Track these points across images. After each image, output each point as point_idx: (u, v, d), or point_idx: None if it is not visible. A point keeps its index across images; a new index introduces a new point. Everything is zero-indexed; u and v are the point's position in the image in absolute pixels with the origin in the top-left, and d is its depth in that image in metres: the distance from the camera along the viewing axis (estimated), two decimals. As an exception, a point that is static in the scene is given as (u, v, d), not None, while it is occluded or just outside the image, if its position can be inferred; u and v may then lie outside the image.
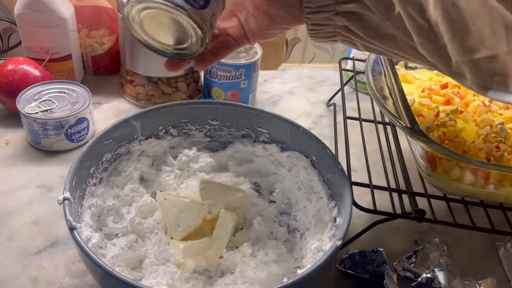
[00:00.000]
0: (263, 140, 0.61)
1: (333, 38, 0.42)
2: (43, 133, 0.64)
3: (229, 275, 0.49)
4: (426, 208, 0.51)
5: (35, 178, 0.62)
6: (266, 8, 0.43)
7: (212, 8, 0.41)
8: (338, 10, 0.39)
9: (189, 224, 0.49)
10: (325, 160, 0.55)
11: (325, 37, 0.42)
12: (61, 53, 0.75)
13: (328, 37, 0.42)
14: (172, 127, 0.61)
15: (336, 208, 0.52)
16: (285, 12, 0.42)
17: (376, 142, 0.61)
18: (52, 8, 0.70)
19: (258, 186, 0.61)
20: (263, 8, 0.43)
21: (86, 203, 0.50)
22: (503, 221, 0.54)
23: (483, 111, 0.63)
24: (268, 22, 0.44)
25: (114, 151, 0.56)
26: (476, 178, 0.52)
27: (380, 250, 0.51)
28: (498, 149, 0.56)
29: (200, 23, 0.40)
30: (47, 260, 0.52)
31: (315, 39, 0.44)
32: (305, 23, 0.42)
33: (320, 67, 0.97)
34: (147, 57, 0.73)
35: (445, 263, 0.53)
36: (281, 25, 0.44)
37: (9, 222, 0.56)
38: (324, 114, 0.81)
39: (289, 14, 0.42)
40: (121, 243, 0.48)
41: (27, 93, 0.66)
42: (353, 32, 0.40)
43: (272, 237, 0.53)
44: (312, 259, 0.48)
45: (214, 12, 0.42)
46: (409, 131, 0.51)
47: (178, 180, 0.59)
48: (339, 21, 0.40)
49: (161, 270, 0.47)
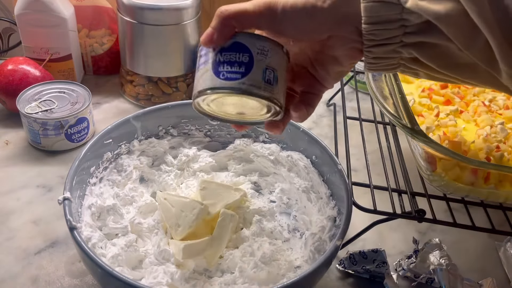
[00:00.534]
0: (263, 140, 0.61)
1: (395, 70, 0.39)
2: (43, 133, 0.64)
3: (229, 275, 0.49)
4: (426, 208, 0.51)
5: (35, 178, 0.62)
6: (328, 52, 0.40)
7: (281, 79, 0.39)
8: (406, 42, 0.36)
9: (189, 224, 0.49)
10: (325, 160, 0.55)
11: (386, 69, 0.39)
12: (61, 53, 0.75)
13: (389, 69, 0.39)
14: (172, 127, 0.61)
15: (336, 208, 0.52)
16: (348, 50, 0.39)
17: (376, 142, 0.61)
18: (52, 8, 0.70)
19: (258, 186, 0.61)
20: (325, 52, 0.40)
21: (86, 203, 0.50)
22: (503, 221, 0.54)
23: (483, 111, 0.63)
24: (334, 64, 0.40)
25: (114, 151, 0.56)
26: (476, 178, 0.52)
27: (380, 250, 0.51)
28: (498, 149, 0.56)
29: (274, 99, 0.38)
30: (47, 260, 0.52)
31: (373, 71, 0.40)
32: (365, 57, 0.38)
33: (320, 67, 0.97)
34: (147, 57, 0.73)
35: (445, 263, 0.53)
36: (349, 62, 0.40)
37: (9, 222, 0.56)
38: (324, 114, 0.81)
39: (353, 51, 0.39)
40: (121, 243, 0.48)
41: (27, 93, 0.66)
42: (422, 63, 0.37)
43: (272, 237, 0.53)
44: (312, 259, 0.48)
45: (284, 78, 0.39)
46: (409, 131, 0.51)
47: (178, 180, 0.59)
48: (407, 52, 0.36)
49: (161, 270, 0.47)
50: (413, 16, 0.34)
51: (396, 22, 0.35)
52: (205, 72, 0.38)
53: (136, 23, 0.70)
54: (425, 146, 0.51)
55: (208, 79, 0.37)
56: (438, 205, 0.53)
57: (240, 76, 0.36)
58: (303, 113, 0.42)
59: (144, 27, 0.70)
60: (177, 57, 0.74)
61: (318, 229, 0.51)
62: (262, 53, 0.37)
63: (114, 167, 0.56)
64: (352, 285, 0.52)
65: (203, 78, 0.38)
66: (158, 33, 0.70)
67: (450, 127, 0.59)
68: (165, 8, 0.68)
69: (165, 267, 0.48)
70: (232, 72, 0.36)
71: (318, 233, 0.50)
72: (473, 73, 0.36)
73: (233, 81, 0.36)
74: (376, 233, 0.57)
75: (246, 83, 0.36)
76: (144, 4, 0.68)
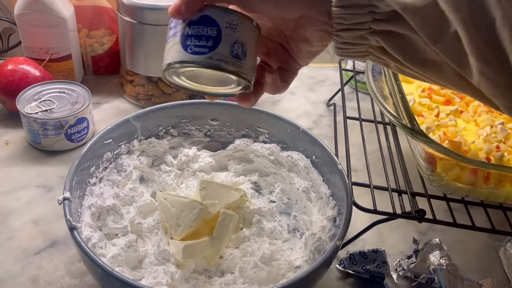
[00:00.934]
0: (263, 140, 0.61)
1: (364, 58, 0.39)
2: (43, 133, 0.64)
3: (229, 275, 0.49)
4: (426, 208, 0.51)
5: (35, 178, 0.62)
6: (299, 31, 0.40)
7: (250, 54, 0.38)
8: (374, 29, 0.35)
9: (189, 224, 0.49)
10: (325, 160, 0.55)
11: (355, 56, 0.39)
12: (61, 53, 0.75)
13: (358, 56, 0.39)
14: (172, 127, 0.61)
15: (336, 208, 0.52)
16: (319, 32, 0.38)
17: (376, 142, 0.61)
18: (52, 8, 0.70)
19: (258, 186, 0.61)
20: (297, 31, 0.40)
21: (86, 203, 0.50)
22: (503, 221, 0.54)
23: (483, 111, 0.63)
24: (305, 44, 0.40)
25: (114, 151, 0.56)
26: (476, 178, 0.52)
27: (380, 250, 0.51)
28: (498, 149, 0.56)
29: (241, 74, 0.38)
30: (47, 260, 0.52)
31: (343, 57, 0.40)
32: (334, 41, 0.38)
33: (320, 67, 0.97)
34: (147, 57, 0.73)
35: (445, 263, 0.53)
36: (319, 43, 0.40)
37: (9, 222, 0.56)
38: (324, 114, 0.81)
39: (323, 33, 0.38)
40: (121, 243, 0.48)
41: (27, 93, 0.66)
42: (389, 54, 0.36)
43: (272, 237, 0.53)
44: (312, 259, 0.48)
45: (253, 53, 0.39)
46: (409, 131, 0.51)
47: (178, 180, 0.59)
48: (374, 40, 0.36)
49: (161, 270, 0.47)
50: (383, 3, 0.34)
51: (365, 8, 0.34)
52: (174, 44, 0.38)
53: (136, 23, 0.70)
54: (425, 146, 0.51)
55: (176, 52, 0.37)
56: (438, 205, 0.53)
57: (208, 51, 0.36)
58: (277, 87, 0.42)
59: (144, 27, 0.70)
60: (177, 57, 0.74)
61: (318, 229, 0.51)
62: (231, 27, 0.37)
63: (114, 167, 0.56)
64: (352, 285, 0.52)
65: (172, 51, 0.38)
66: (158, 33, 0.70)
67: (450, 127, 0.59)
68: (165, 8, 0.68)
69: (165, 267, 0.48)
70: (199, 46, 0.36)
71: (318, 233, 0.50)
72: (439, 72, 0.35)
73: (201, 56, 0.36)
74: (376, 233, 0.57)
75: (213, 58, 0.36)
76: (144, 4, 0.68)
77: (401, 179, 0.56)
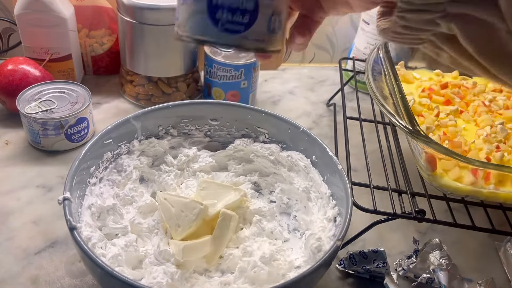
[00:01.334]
0: (263, 140, 0.61)
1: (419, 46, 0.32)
2: (43, 133, 0.64)
3: (229, 275, 0.49)
4: (426, 208, 0.51)
5: (35, 178, 0.62)
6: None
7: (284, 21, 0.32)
8: (449, 12, 0.29)
9: (189, 224, 0.49)
10: (325, 160, 0.55)
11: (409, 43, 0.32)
12: (61, 53, 0.75)
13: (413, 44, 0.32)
14: (172, 127, 0.61)
15: (336, 208, 0.52)
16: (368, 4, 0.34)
17: (376, 142, 0.61)
18: (52, 8, 0.70)
19: (258, 186, 0.61)
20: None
21: (86, 203, 0.50)
22: (503, 221, 0.54)
23: (483, 111, 0.63)
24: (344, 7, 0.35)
25: (114, 151, 0.56)
26: (476, 178, 0.52)
27: (380, 250, 0.51)
28: (498, 149, 0.56)
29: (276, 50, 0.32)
30: (47, 260, 0.52)
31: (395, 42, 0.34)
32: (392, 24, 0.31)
33: (320, 67, 0.97)
34: (147, 57, 0.73)
35: (445, 263, 0.53)
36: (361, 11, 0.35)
37: (9, 222, 0.56)
38: (324, 114, 0.81)
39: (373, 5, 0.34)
40: (121, 243, 0.48)
41: (27, 93, 0.66)
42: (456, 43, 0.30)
43: (272, 237, 0.53)
44: (312, 259, 0.48)
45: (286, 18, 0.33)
46: (409, 131, 0.51)
47: (178, 180, 0.59)
48: (445, 27, 0.29)
49: (161, 270, 0.47)
50: None
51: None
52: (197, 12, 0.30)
53: (136, 23, 0.70)
54: (425, 146, 0.51)
55: (201, 24, 0.30)
56: (438, 205, 0.53)
57: (243, 29, 0.30)
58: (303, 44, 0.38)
59: (144, 27, 0.70)
60: (177, 57, 0.74)
61: (318, 229, 0.51)
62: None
63: (114, 167, 0.56)
64: (352, 285, 0.52)
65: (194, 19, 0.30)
66: (158, 33, 0.70)
67: (450, 127, 0.59)
68: (165, 8, 0.68)
69: (165, 267, 0.48)
70: (233, 22, 0.30)
71: (318, 233, 0.50)
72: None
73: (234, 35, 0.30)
74: (376, 233, 0.57)
75: (249, 38, 0.30)
76: (144, 4, 0.68)
77: (401, 179, 0.56)
